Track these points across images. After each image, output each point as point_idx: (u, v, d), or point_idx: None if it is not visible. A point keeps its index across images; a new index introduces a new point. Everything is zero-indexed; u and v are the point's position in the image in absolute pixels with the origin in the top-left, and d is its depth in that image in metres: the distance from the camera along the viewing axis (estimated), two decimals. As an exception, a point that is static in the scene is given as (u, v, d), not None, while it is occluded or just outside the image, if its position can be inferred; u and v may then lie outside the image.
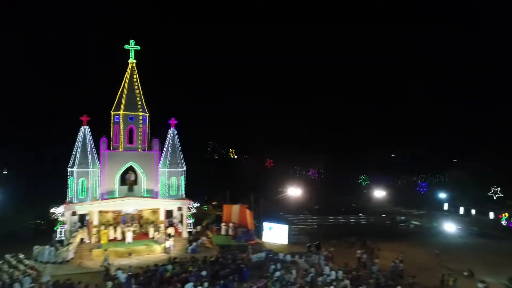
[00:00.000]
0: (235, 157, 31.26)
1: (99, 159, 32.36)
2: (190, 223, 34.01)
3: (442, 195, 48.86)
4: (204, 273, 25.23)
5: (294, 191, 36.38)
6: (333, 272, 26.07)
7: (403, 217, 45.78)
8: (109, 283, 22.49)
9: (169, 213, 34.94)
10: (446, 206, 49.10)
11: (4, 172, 34.99)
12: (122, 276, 23.92)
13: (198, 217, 37.40)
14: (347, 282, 24.15)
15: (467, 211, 48.21)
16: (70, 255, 28.64)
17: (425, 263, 31.19)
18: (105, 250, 28.46)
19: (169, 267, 26.44)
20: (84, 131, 32.03)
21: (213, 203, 43.46)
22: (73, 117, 32.94)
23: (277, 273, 25.92)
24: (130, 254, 29.78)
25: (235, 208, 37.93)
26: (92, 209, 31.02)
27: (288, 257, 29.64)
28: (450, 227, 39.51)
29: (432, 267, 29.79)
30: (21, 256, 27.16)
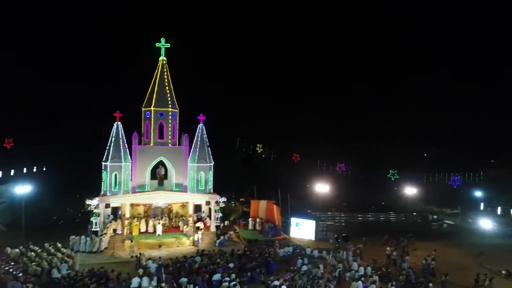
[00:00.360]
0: (262, 151, 31.26)
1: (130, 154, 33.46)
2: (218, 218, 34.49)
3: (478, 194, 46.83)
4: (231, 265, 25.57)
5: (321, 187, 36.03)
6: (361, 268, 25.69)
7: (435, 216, 44.28)
8: (140, 270, 23.25)
9: (197, 208, 35.64)
10: (482, 206, 47.06)
11: (44, 169, 36.95)
12: (153, 266, 24.66)
13: (225, 213, 37.89)
14: (375, 278, 23.69)
15: (505, 211, 45.99)
16: (104, 245, 29.84)
17: (459, 262, 30.03)
18: (131, 241, 29.32)
19: (198, 258, 27.00)
20: (117, 127, 33.26)
21: (241, 199, 43.78)
22: (108, 113, 34.24)
23: (304, 267, 25.86)
24: (160, 246, 30.60)
25: (262, 203, 38.09)
26: (124, 201, 32.09)
27: (316, 253, 29.47)
28: (486, 224, 37.74)
29: (467, 267, 28.63)
30: (59, 245, 28.54)
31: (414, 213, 43.23)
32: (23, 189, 28.76)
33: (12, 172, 37.26)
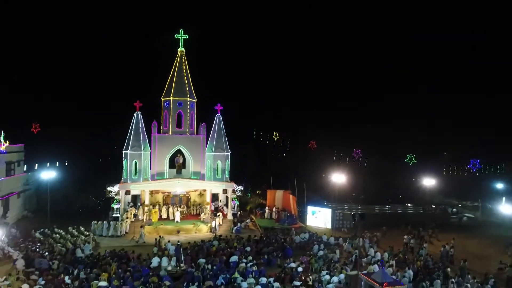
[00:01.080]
0: (279, 139, 31.40)
1: (150, 143, 34.30)
2: (235, 206, 34.95)
3: (499, 186, 45.72)
4: (248, 249, 25.97)
5: (338, 178, 35.94)
6: (378, 254, 25.62)
7: (454, 209, 43.55)
8: (155, 249, 24.01)
9: (214, 197, 36.20)
10: (504, 199, 45.94)
11: (67, 158, 38.11)
12: (172, 248, 25.25)
13: (242, 203, 38.30)
14: (392, 262, 23.64)
15: (529, 205, 44.75)
16: (124, 230, 30.71)
17: (478, 252, 29.49)
18: (141, 227, 29.88)
19: (215, 242, 27.50)
20: (137, 116, 34.21)
21: (257, 192, 44.04)
22: (128, 103, 35.19)
23: (321, 252, 26.02)
24: (178, 231, 31.24)
25: (279, 193, 38.34)
26: (143, 188, 32.93)
27: (332, 239, 29.53)
28: (508, 209, 36.72)
29: (487, 256, 28.13)
30: (82, 228, 29.55)
31: (433, 206, 42.63)
32: (48, 175, 29.87)
33: (37, 161, 38.63)
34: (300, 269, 22.76)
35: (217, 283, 19.73)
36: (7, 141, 30.71)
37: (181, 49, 35.39)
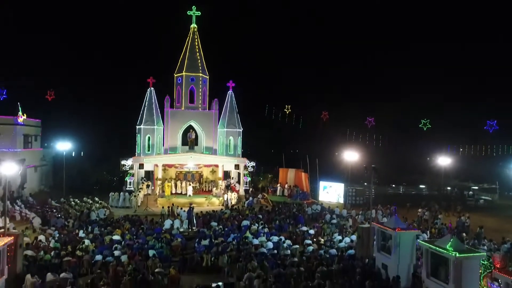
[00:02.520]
0: (290, 112, 31.25)
1: (163, 120, 34.65)
2: (247, 182, 35.01)
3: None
4: (260, 216, 26.03)
5: (350, 155, 35.55)
6: (391, 222, 25.30)
7: (471, 192, 42.63)
8: (164, 209, 24.44)
9: (226, 176, 36.29)
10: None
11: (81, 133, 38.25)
12: (184, 214, 25.45)
13: (253, 182, 38.31)
14: (406, 228, 23.29)
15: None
16: (139, 202, 31.09)
17: (496, 227, 28.84)
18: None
19: (227, 211, 27.64)
20: (150, 92, 34.62)
21: (269, 176, 43.79)
22: (142, 79, 35.61)
23: (334, 221, 25.87)
24: (191, 204, 31.41)
25: (291, 172, 38.26)
26: (156, 162, 33.20)
27: (345, 212, 29.32)
28: None
29: (505, 230, 27.45)
30: (96, 198, 30.04)
31: (448, 188, 41.82)
32: (64, 146, 30.46)
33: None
34: (311, 231, 22.70)
35: (229, 240, 19.83)
36: (25, 114, 31.44)
37: (193, 25, 35.60)
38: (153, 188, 32.86)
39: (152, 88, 34.70)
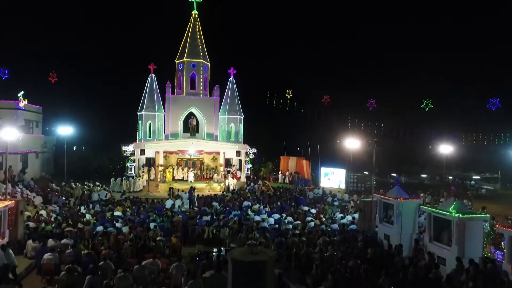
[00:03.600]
0: (292, 97, 30.86)
1: (164, 106, 34.62)
2: (248, 168, 34.96)
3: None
4: (261, 198, 26.00)
5: (352, 143, 35.43)
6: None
7: (472, 182, 42.52)
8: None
9: (227, 163, 36.23)
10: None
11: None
12: (185, 196, 25.42)
13: (254, 170, 38.21)
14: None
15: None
16: (140, 187, 31.08)
17: (498, 212, 28.66)
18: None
19: (229, 194, 27.61)
20: (151, 78, 34.58)
21: (270, 166, 43.63)
22: (143, 66, 35.55)
23: (336, 203, 25.83)
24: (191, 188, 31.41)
25: (292, 160, 38.21)
26: (158, 148, 33.16)
27: (346, 196, 29.28)
28: None
29: (509, 214, 27.33)
30: (97, 183, 30.02)
31: (450, 177, 41.66)
32: (65, 131, 30.43)
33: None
34: (313, 211, 22.66)
35: (230, 216, 19.77)
36: (26, 100, 31.40)
37: (194, 12, 35.52)
38: (154, 172, 32.78)
39: (153, 75, 34.67)
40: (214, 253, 13.06)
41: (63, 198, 22.75)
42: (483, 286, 9.93)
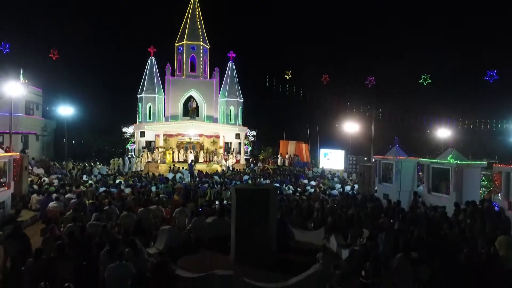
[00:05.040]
0: (291, 77, 30.69)
1: (164, 89, 34.78)
2: (248, 151, 35.16)
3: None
4: (261, 174, 26.24)
5: (351, 127, 35.69)
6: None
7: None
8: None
9: (227, 147, 36.39)
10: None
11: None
12: (186, 172, 25.63)
13: (254, 156, 38.41)
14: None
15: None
16: (141, 167, 31.23)
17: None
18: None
19: (229, 171, 27.82)
20: (151, 61, 34.72)
21: (270, 149, 43.65)
22: (143, 49, 35.67)
23: (335, 178, 26.10)
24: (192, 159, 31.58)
25: (291, 144, 38.39)
26: (158, 129, 33.31)
27: (345, 175, 29.53)
28: None
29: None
30: (98, 163, 30.17)
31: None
32: (66, 111, 30.53)
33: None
34: (313, 182, 22.91)
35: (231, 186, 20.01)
36: (26, 81, 31.47)
37: (194, -5, 35.67)
38: (154, 153, 32.91)
39: (153, 58, 34.82)
40: (216, 205, 13.28)
41: (64, 170, 22.90)
42: (480, 222, 10.17)
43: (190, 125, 33.65)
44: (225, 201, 13.58)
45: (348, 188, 20.72)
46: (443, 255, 8.18)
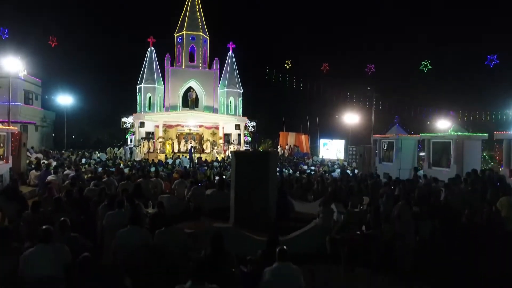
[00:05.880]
0: (290, 67, 30.61)
1: (163, 79, 34.72)
2: (248, 142, 35.12)
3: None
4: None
5: (351, 118, 35.66)
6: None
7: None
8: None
9: (227, 139, 36.33)
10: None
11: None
12: (186, 159, 25.59)
13: (254, 147, 38.34)
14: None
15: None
16: (140, 156, 31.15)
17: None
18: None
19: (229, 159, 27.77)
20: (150, 52, 34.65)
21: (269, 141, 43.54)
22: (142, 39, 35.61)
23: (335, 166, 26.04)
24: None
25: (291, 135, 38.38)
26: (157, 119, 33.24)
27: (345, 164, 29.45)
28: None
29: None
30: (97, 152, 30.10)
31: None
32: (65, 100, 30.45)
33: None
34: (313, 167, 22.88)
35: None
36: (25, 70, 31.37)
37: (194, -15, 35.59)
38: (154, 143, 32.87)
39: (152, 48, 34.75)
40: (216, 178, 13.22)
41: (64, 156, 22.84)
42: (482, 189, 10.11)
43: (190, 115, 33.58)
44: (224, 177, 13.48)
45: (348, 171, 20.67)
46: (444, 216, 8.14)
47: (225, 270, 4.72)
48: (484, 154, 13.54)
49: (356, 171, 20.54)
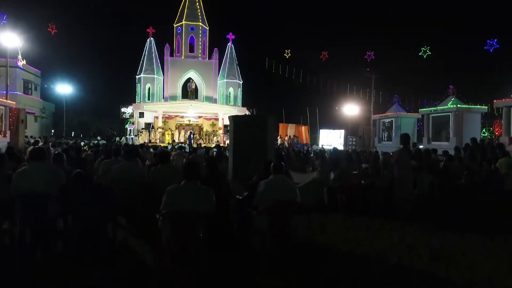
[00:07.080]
0: (290, 56, 30.47)
1: (163, 70, 34.69)
2: (247, 132, 35.11)
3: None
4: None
5: (350, 109, 35.60)
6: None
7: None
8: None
9: (226, 130, 36.28)
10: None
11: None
12: (186, 147, 25.55)
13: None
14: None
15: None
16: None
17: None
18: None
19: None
20: (150, 42, 34.64)
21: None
22: (141, 30, 35.55)
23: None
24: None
25: (291, 126, 38.32)
26: (157, 109, 33.24)
27: (345, 152, 29.46)
28: None
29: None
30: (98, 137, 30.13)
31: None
32: (64, 89, 30.42)
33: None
34: (312, 155, 22.86)
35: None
36: (24, 60, 31.34)
37: (193, -24, 35.55)
38: (153, 133, 32.88)
39: (151, 38, 34.75)
40: (214, 151, 13.22)
41: (65, 143, 22.82)
42: (481, 156, 10.08)
43: (190, 106, 33.56)
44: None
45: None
46: (442, 176, 8.11)
47: (222, 183, 4.89)
48: (484, 130, 13.47)
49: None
